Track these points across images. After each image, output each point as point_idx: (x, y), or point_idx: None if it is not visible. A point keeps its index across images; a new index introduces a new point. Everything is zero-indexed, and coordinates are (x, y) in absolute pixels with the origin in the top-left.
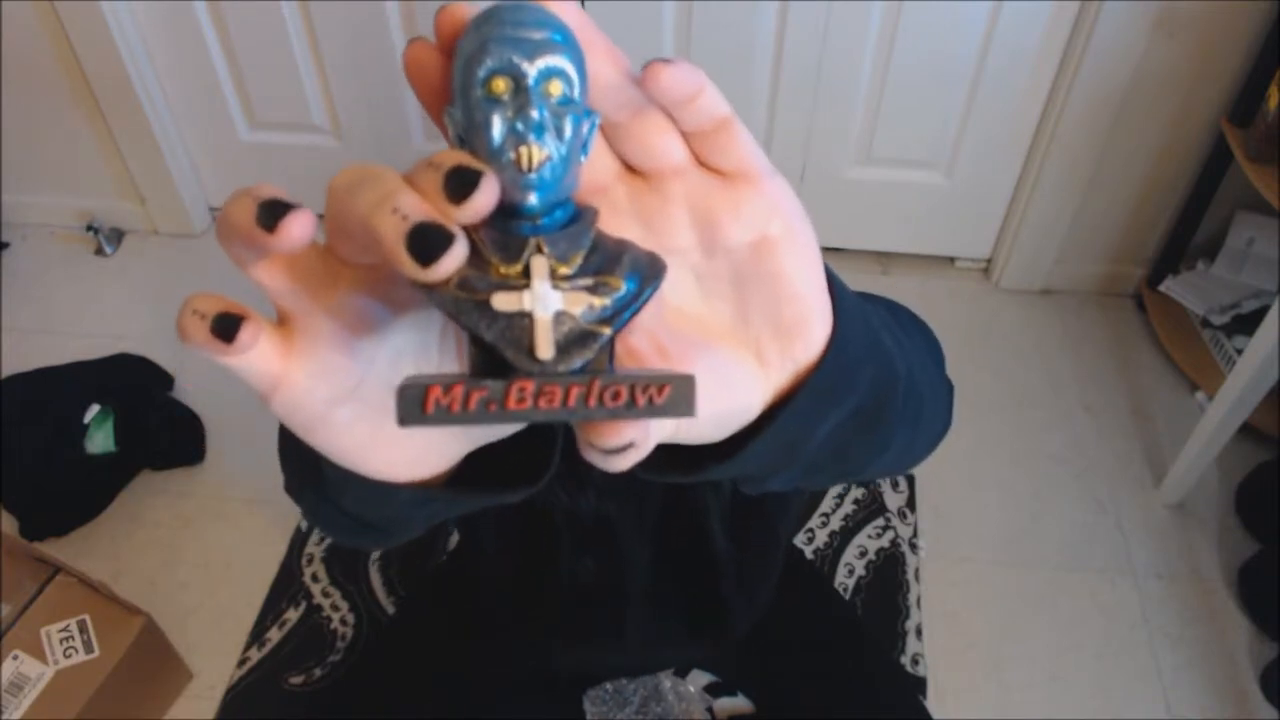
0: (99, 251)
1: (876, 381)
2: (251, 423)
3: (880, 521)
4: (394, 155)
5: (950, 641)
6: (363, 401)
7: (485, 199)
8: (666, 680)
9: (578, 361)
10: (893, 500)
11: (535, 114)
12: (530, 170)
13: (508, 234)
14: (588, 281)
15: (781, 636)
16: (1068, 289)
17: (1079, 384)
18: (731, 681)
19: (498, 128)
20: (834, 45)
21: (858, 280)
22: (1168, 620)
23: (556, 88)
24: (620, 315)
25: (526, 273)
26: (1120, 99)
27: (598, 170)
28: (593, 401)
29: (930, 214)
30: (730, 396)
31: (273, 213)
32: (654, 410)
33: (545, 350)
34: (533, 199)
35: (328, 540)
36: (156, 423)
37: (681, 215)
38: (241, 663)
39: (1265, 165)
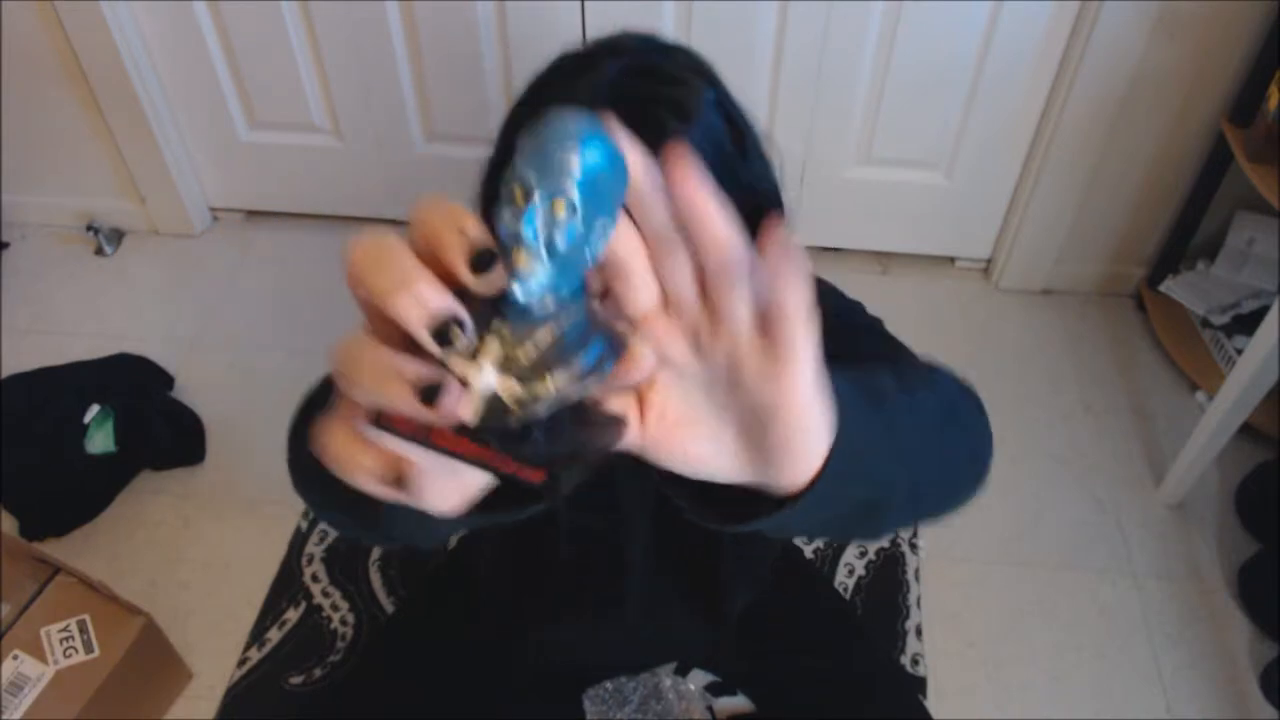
0: (99, 251)
1: (867, 502)
2: (251, 423)
3: None
4: (394, 155)
5: (950, 641)
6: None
7: (500, 280)
8: (666, 679)
9: (494, 428)
10: None
11: (525, 231)
12: (518, 275)
13: (504, 306)
14: (527, 370)
15: (781, 636)
16: (1068, 289)
17: (1079, 384)
18: (731, 681)
19: (505, 225)
20: (834, 45)
21: (857, 281)
22: (1168, 620)
23: (560, 208)
24: (533, 405)
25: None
26: (1120, 99)
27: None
28: (487, 457)
29: (930, 214)
30: (705, 468)
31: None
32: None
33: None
34: (517, 292)
35: (328, 540)
36: (156, 423)
37: (720, 357)
38: (241, 663)
39: (1265, 165)
